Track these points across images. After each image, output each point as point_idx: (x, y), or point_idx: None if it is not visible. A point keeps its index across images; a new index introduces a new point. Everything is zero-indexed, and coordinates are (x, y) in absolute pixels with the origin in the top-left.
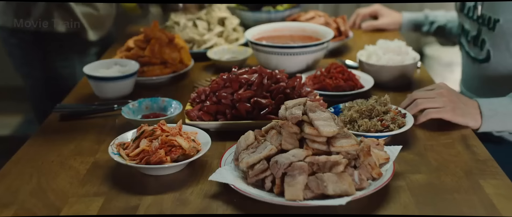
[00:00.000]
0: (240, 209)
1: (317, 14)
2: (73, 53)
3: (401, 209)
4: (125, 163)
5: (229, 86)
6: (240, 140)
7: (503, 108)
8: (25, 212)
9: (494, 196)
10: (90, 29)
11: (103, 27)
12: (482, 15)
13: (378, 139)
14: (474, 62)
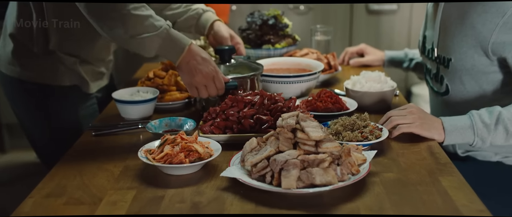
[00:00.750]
0: (245, 198)
1: (310, 51)
2: (75, 102)
3: (374, 197)
4: (152, 164)
5: (236, 106)
6: (245, 145)
7: (462, 124)
8: (74, 201)
9: (448, 188)
10: (91, 82)
11: (103, 80)
12: (438, 56)
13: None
14: (437, 95)
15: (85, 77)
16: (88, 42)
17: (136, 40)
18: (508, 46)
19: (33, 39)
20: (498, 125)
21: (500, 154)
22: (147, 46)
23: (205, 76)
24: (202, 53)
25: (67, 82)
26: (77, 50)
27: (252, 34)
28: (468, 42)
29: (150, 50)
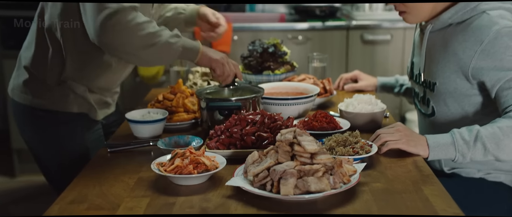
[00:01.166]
0: (248, 204)
1: (307, 76)
2: (82, 128)
3: (363, 203)
4: (163, 175)
5: (239, 124)
6: (248, 158)
7: (444, 141)
8: (95, 206)
9: (429, 195)
10: (99, 110)
11: (109, 108)
12: (425, 80)
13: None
14: (424, 117)
15: (93, 105)
16: (100, 73)
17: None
18: (486, 71)
19: (47, 71)
20: (476, 141)
21: (482, 171)
22: (168, 61)
23: (224, 60)
24: (211, 49)
25: (76, 110)
26: (88, 81)
27: (253, 61)
28: (451, 68)
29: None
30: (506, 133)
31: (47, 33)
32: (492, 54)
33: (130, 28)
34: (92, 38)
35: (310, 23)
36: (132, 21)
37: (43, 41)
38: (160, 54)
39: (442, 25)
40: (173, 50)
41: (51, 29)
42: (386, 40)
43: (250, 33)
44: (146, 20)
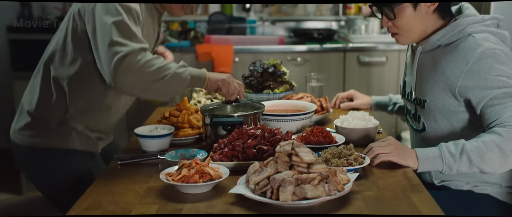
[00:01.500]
0: (250, 209)
1: (305, 95)
2: (83, 159)
3: (355, 208)
4: (171, 183)
5: (241, 138)
6: (250, 168)
7: (432, 154)
8: (109, 212)
9: (417, 202)
10: (100, 142)
11: (109, 139)
12: (416, 98)
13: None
14: (416, 133)
15: (93, 139)
16: (100, 115)
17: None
18: (471, 90)
19: (50, 115)
20: (462, 155)
21: (470, 183)
22: (180, 91)
23: (229, 80)
24: (218, 76)
25: (78, 146)
26: (89, 122)
27: (254, 80)
28: (439, 86)
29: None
30: (489, 147)
31: (53, 81)
32: (477, 74)
33: (141, 67)
34: (108, 82)
35: (309, 46)
36: (141, 60)
37: (48, 88)
38: (171, 85)
39: (432, 46)
40: (182, 80)
41: (57, 78)
42: (381, 61)
43: (250, 55)
44: (154, 57)
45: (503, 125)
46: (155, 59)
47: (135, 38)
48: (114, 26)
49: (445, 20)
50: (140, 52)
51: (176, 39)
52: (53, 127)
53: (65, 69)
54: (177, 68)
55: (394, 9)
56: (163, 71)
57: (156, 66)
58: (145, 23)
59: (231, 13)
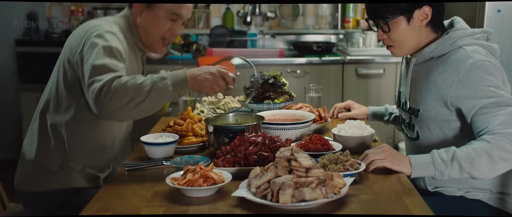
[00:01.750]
0: (251, 211)
1: (304, 105)
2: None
3: (351, 210)
4: (177, 187)
5: (243, 145)
6: (251, 173)
7: (425, 160)
8: (117, 214)
9: (409, 204)
10: (101, 175)
11: (109, 169)
12: (410, 107)
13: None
14: (410, 141)
15: (95, 174)
16: (100, 151)
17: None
18: (462, 99)
19: (51, 161)
20: (453, 161)
21: (462, 189)
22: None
23: (213, 78)
24: (199, 70)
25: (80, 184)
26: (89, 160)
27: (255, 91)
28: (432, 96)
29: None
30: (479, 153)
31: (50, 129)
32: (467, 84)
33: (118, 92)
34: (96, 113)
35: (308, 58)
36: (117, 86)
37: (45, 136)
38: (154, 99)
39: (425, 58)
40: (164, 91)
41: (54, 125)
42: (379, 74)
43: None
44: (129, 78)
45: (492, 132)
46: (131, 80)
47: (111, 71)
48: (92, 68)
49: (437, 33)
50: (114, 79)
51: (179, 52)
52: (53, 170)
53: (61, 116)
54: (155, 81)
55: (389, 23)
56: (142, 89)
57: (133, 86)
58: (130, 62)
59: (232, 27)
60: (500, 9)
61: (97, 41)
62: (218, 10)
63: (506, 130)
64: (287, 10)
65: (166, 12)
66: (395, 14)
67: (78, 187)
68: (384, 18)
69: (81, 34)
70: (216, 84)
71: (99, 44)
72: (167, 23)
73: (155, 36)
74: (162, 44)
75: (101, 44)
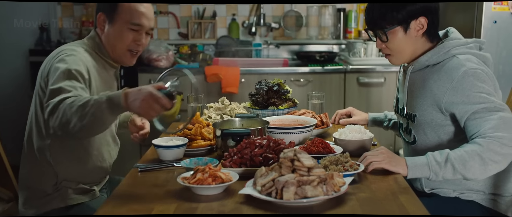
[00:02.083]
0: (257, 208)
1: (307, 111)
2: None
3: (350, 207)
4: (188, 185)
5: (249, 147)
6: (257, 172)
7: (420, 162)
8: (133, 210)
9: (404, 202)
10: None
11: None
12: (407, 113)
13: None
14: (407, 145)
15: (90, 188)
16: (90, 167)
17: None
18: (456, 105)
19: (45, 184)
20: (447, 162)
21: (457, 191)
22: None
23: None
24: (134, 95)
25: (78, 200)
26: (82, 177)
27: (260, 98)
28: (428, 102)
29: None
30: (471, 155)
31: (37, 154)
32: (460, 91)
33: (63, 112)
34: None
35: (311, 67)
36: (62, 107)
37: (34, 162)
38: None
39: (421, 66)
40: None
41: (40, 150)
42: (380, 82)
43: (256, 76)
44: (75, 99)
45: (483, 136)
46: (76, 101)
47: (63, 93)
48: (50, 91)
49: (433, 42)
50: (62, 101)
51: (186, 62)
52: (49, 192)
53: (44, 141)
54: (93, 104)
55: (387, 33)
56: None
57: (75, 107)
58: (100, 79)
59: (237, 37)
60: (496, 20)
61: (58, 65)
62: (224, 20)
63: (497, 134)
64: (291, 21)
65: (126, 23)
66: (393, 25)
67: (76, 203)
68: (382, 28)
69: (48, 61)
70: (151, 109)
71: (60, 68)
72: (129, 35)
73: (121, 49)
74: (130, 56)
75: (61, 68)
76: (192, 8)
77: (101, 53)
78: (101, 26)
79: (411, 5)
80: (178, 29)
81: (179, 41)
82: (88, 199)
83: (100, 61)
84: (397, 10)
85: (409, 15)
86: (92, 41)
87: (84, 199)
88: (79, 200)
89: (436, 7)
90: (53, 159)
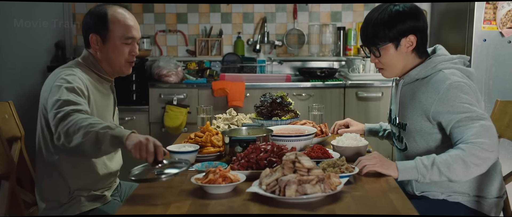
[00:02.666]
0: (262, 204)
1: (307, 121)
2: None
3: (345, 203)
4: (200, 185)
5: (254, 152)
6: (262, 173)
7: (409, 165)
8: (152, 207)
9: (394, 199)
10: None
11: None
12: (399, 122)
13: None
14: (400, 152)
15: (102, 194)
16: (100, 175)
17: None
18: (442, 114)
19: (59, 195)
20: (433, 166)
21: (445, 193)
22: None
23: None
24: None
25: (90, 206)
26: (93, 184)
27: (264, 109)
28: (417, 112)
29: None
30: (455, 159)
31: (49, 169)
32: (446, 101)
33: (74, 123)
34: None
35: (312, 83)
36: (75, 117)
37: (47, 176)
38: (92, 143)
39: (411, 80)
40: (100, 139)
41: (51, 164)
42: (377, 97)
43: (260, 91)
44: (87, 116)
45: (466, 142)
46: (88, 117)
47: (73, 104)
48: (57, 102)
49: (421, 58)
50: (75, 111)
51: (194, 77)
52: (64, 202)
53: (52, 156)
54: (98, 131)
55: (379, 49)
56: (91, 128)
57: (85, 122)
58: (98, 93)
59: (242, 54)
60: (485, 38)
61: (59, 83)
62: (230, 38)
63: (478, 140)
64: (293, 39)
65: (120, 39)
66: (385, 41)
67: (90, 209)
68: (375, 44)
69: (49, 83)
70: (146, 147)
71: (62, 85)
72: (125, 48)
73: (120, 62)
74: (128, 66)
75: (64, 85)
76: (200, 27)
77: (96, 70)
78: (95, 45)
79: (401, 24)
80: (186, 46)
81: (187, 58)
82: (101, 204)
83: (96, 77)
84: (389, 28)
85: (399, 33)
86: (86, 60)
87: (96, 204)
88: (92, 206)
89: (425, 26)
90: (63, 172)
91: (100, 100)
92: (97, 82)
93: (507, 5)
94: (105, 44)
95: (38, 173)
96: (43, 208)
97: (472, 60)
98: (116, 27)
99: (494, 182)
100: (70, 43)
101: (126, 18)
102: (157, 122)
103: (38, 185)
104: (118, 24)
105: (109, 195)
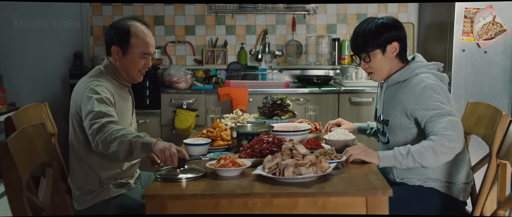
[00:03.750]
0: (265, 183)
1: (304, 120)
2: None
3: (333, 183)
4: (214, 169)
5: (258, 143)
6: (264, 159)
7: (388, 154)
8: (174, 187)
9: (373, 179)
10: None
11: (136, 172)
12: (383, 119)
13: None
14: (383, 144)
15: (127, 182)
16: (125, 166)
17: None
18: (417, 111)
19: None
20: (408, 154)
21: (421, 180)
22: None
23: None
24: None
25: (116, 193)
26: (119, 174)
27: (266, 110)
28: (397, 110)
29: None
30: (426, 148)
31: (82, 164)
32: (421, 100)
33: (109, 133)
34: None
35: (309, 89)
36: (109, 128)
37: (80, 169)
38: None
39: (393, 83)
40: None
41: (84, 160)
42: (368, 101)
43: (262, 96)
44: (120, 127)
45: (436, 134)
46: (122, 129)
47: (106, 116)
48: (90, 113)
49: (403, 64)
50: (110, 123)
51: (201, 83)
52: (95, 189)
53: (86, 153)
54: (130, 139)
55: (369, 54)
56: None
57: (119, 132)
58: (120, 97)
59: (246, 63)
60: (464, 49)
61: (90, 94)
62: (234, 49)
63: (446, 132)
64: (292, 49)
65: (139, 54)
66: (374, 48)
67: (117, 195)
68: (365, 51)
69: (79, 91)
70: (167, 152)
71: (93, 97)
72: (141, 61)
73: (134, 72)
74: (140, 75)
75: (94, 97)
76: (206, 38)
77: (116, 77)
78: (115, 56)
79: (387, 33)
80: (194, 56)
81: (195, 67)
82: (126, 190)
83: (117, 83)
84: (377, 37)
85: (385, 41)
86: (108, 68)
87: (122, 190)
88: (119, 192)
89: (405, 35)
90: (95, 166)
91: (122, 104)
92: (118, 88)
93: (482, 19)
94: (124, 56)
95: (72, 165)
96: (77, 194)
97: (453, 68)
98: (137, 43)
99: (462, 170)
100: (88, 53)
101: (145, 35)
102: (168, 124)
103: (72, 176)
104: (138, 41)
105: (133, 182)
